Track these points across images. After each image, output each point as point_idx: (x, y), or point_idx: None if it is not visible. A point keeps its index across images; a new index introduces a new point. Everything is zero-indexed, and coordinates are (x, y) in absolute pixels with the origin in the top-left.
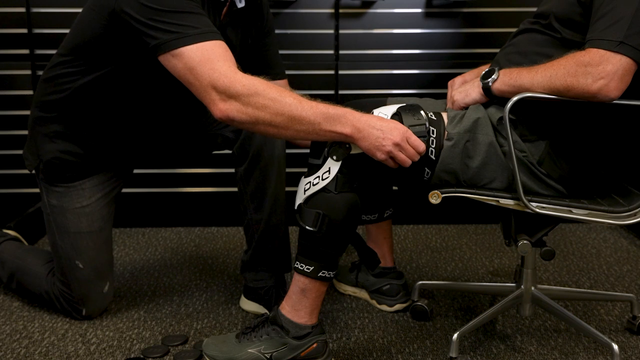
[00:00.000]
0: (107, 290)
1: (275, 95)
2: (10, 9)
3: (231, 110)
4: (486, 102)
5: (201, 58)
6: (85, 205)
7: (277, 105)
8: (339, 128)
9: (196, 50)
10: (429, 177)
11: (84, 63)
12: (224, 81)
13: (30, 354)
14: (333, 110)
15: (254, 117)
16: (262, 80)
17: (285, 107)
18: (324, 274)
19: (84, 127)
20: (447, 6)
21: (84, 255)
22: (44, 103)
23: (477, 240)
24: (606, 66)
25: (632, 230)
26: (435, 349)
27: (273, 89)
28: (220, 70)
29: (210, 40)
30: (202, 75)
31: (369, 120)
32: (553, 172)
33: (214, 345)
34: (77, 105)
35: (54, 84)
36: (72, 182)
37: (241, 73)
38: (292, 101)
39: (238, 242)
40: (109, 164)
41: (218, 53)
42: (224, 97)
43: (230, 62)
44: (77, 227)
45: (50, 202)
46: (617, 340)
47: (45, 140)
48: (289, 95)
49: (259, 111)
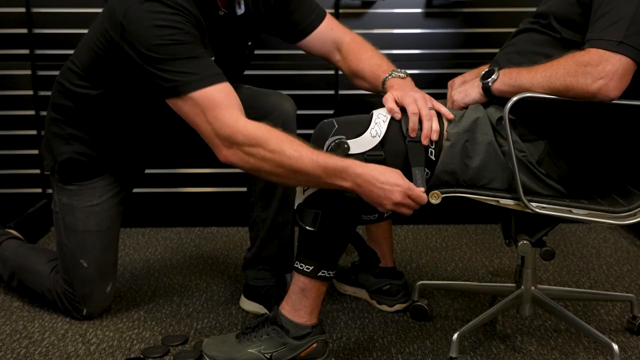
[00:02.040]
0: (109, 290)
1: (276, 147)
2: (10, 9)
3: (234, 158)
4: (486, 102)
5: (202, 106)
6: (96, 204)
7: (277, 158)
8: (339, 182)
9: (197, 98)
10: (428, 177)
11: (93, 81)
12: (225, 131)
13: (30, 354)
14: (333, 163)
15: (255, 166)
16: (264, 130)
17: (285, 160)
18: (323, 274)
19: (96, 132)
20: (447, 6)
21: (89, 255)
22: (58, 106)
23: (477, 240)
24: (606, 66)
25: (632, 230)
26: (435, 349)
27: (274, 141)
28: (222, 119)
29: (211, 85)
30: (206, 123)
31: (370, 176)
32: (553, 172)
33: (214, 345)
34: (87, 113)
35: (65, 91)
36: (84, 181)
37: (243, 120)
38: (292, 154)
39: (238, 242)
40: (121, 165)
41: (219, 99)
42: (227, 144)
43: (232, 107)
44: (85, 225)
45: (61, 200)
46: (617, 340)
47: (61, 141)
48: (289, 147)
49: (260, 162)
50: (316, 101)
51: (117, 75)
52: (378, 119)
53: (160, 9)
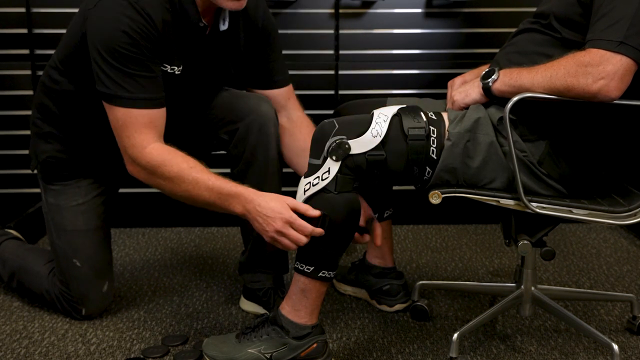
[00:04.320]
0: (107, 289)
1: (174, 172)
2: (10, 9)
3: (138, 175)
4: (486, 102)
5: (123, 123)
6: (82, 203)
7: (175, 184)
8: (231, 207)
9: (121, 113)
10: (429, 176)
11: (69, 73)
12: (132, 152)
13: (30, 354)
14: (227, 189)
15: (156, 185)
16: (167, 157)
17: (183, 186)
18: (324, 274)
19: (71, 130)
20: (447, 6)
21: (81, 254)
22: (39, 105)
23: (477, 240)
24: (606, 66)
25: (632, 230)
26: (435, 349)
27: (173, 168)
28: (134, 141)
29: (138, 108)
30: (119, 137)
31: (256, 203)
32: (553, 172)
33: (214, 345)
34: (64, 111)
35: (45, 88)
36: (68, 180)
37: (151, 147)
38: (189, 179)
39: (238, 242)
40: (100, 165)
41: (139, 123)
42: (133, 162)
43: (148, 133)
44: (73, 225)
45: (48, 200)
46: (617, 340)
47: (41, 140)
48: (187, 172)
49: (160, 184)
50: (316, 101)
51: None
52: (379, 119)
53: (126, 11)
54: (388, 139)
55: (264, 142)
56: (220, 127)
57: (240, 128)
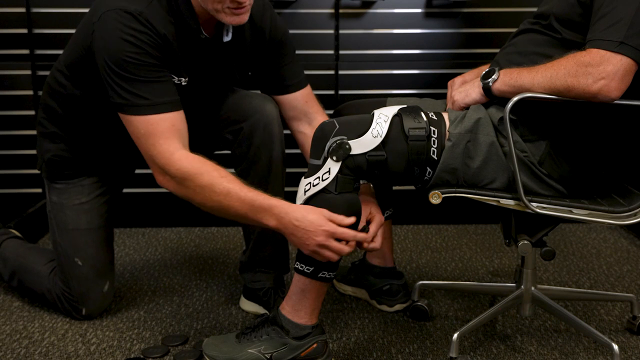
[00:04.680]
0: (107, 290)
1: (206, 182)
2: (10, 9)
3: (167, 185)
4: (486, 102)
5: (145, 131)
6: (84, 202)
7: (206, 194)
8: (264, 220)
9: (142, 122)
10: (430, 176)
11: (74, 79)
12: (160, 160)
13: (30, 354)
14: (260, 201)
15: (186, 196)
16: (197, 164)
17: (214, 197)
18: (324, 275)
19: (79, 133)
20: (447, 6)
21: (83, 253)
22: (45, 106)
23: (477, 240)
24: (607, 66)
25: (632, 230)
26: (435, 349)
27: (205, 176)
28: (160, 149)
29: (158, 113)
30: (145, 147)
31: (292, 217)
32: (553, 172)
33: (214, 345)
34: (70, 114)
35: (51, 90)
36: (72, 179)
37: (179, 153)
38: (221, 190)
39: (238, 242)
40: (104, 164)
41: (162, 129)
42: (162, 171)
43: (172, 139)
44: (75, 223)
45: (52, 199)
46: (617, 340)
47: (46, 140)
48: (219, 183)
49: (190, 194)
50: None
51: (91, 77)
52: (379, 119)
53: (130, 23)
54: (389, 139)
55: (268, 142)
56: (225, 127)
57: (245, 128)
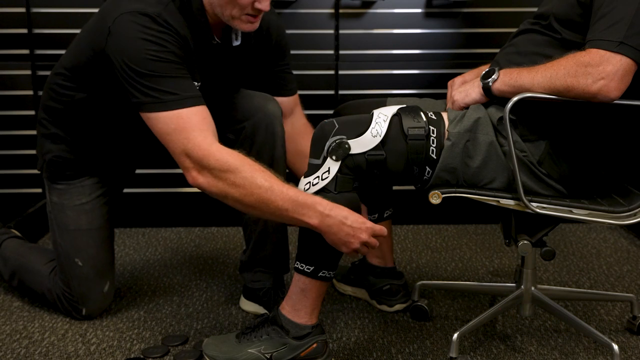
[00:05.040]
0: (108, 290)
1: (248, 175)
2: (10, 9)
3: (203, 181)
4: (486, 102)
5: (176, 126)
6: (85, 203)
7: (248, 186)
8: (305, 218)
9: (172, 117)
10: (429, 176)
11: (79, 82)
12: (197, 152)
13: (30, 354)
14: (303, 198)
15: (224, 191)
16: (237, 157)
17: (256, 190)
18: (324, 274)
19: (82, 135)
20: (447, 6)
21: (83, 253)
22: (46, 107)
23: (477, 240)
24: (606, 66)
25: (632, 230)
26: (435, 349)
27: (247, 168)
28: (195, 141)
29: (187, 107)
30: (177, 143)
31: (341, 216)
32: (553, 172)
33: (214, 345)
34: (73, 116)
35: (54, 93)
36: (72, 180)
37: (216, 145)
38: (263, 183)
39: (238, 242)
40: (106, 165)
41: (194, 122)
42: (197, 166)
43: (207, 131)
44: (76, 224)
45: (52, 199)
46: (617, 340)
47: (47, 140)
48: (261, 176)
49: (229, 188)
50: (316, 101)
51: (99, 80)
52: (379, 119)
53: (150, 25)
54: (388, 138)
55: (270, 141)
56: (227, 127)
57: (247, 127)
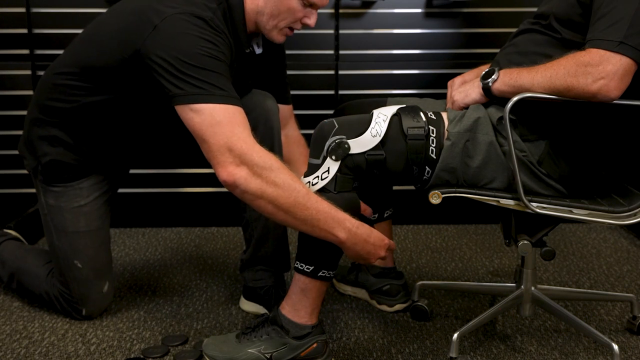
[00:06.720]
0: (107, 290)
1: (288, 177)
2: (10, 9)
3: (240, 176)
4: (486, 102)
5: (223, 118)
6: (83, 205)
7: (287, 187)
8: (335, 231)
9: (219, 110)
10: (429, 176)
11: (93, 83)
12: (242, 146)
13: (30, 354)
14: (335, 212)
15: (260, 189)
16: (277, 159)
17: (294, 192)
18: (324, 274)
19: (85, 136)
20: (447, 6)
21: (82, 255)
22: (46, 107)
23: (477, 240)
24: (606, 66)
25: (632, 230)
26: (435, 349)
27: (286, 171)
28: (240, 136)
29: (233, 104)
30: (220, 135)
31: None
32: (553, 172)
33: (214, 345)
34: (81, 118)
35: (60, 92)
36: (70, 182)
37: (258, 145)
38: (301, 188)
39: (238, 242)
40: (107, 167)
41: (239, 119)
42: (237, 161)
43: (249, 130)
44: (75, 226)
45: (48, 202)
46: (617, 340)
47: (44, 143)
48: (299, 181)
49: (267, 186)
50: (316, 101)
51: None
52: (378, 119)
53: (204, 26)
54: (387, 138)
55: (268, 135)
56: None
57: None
